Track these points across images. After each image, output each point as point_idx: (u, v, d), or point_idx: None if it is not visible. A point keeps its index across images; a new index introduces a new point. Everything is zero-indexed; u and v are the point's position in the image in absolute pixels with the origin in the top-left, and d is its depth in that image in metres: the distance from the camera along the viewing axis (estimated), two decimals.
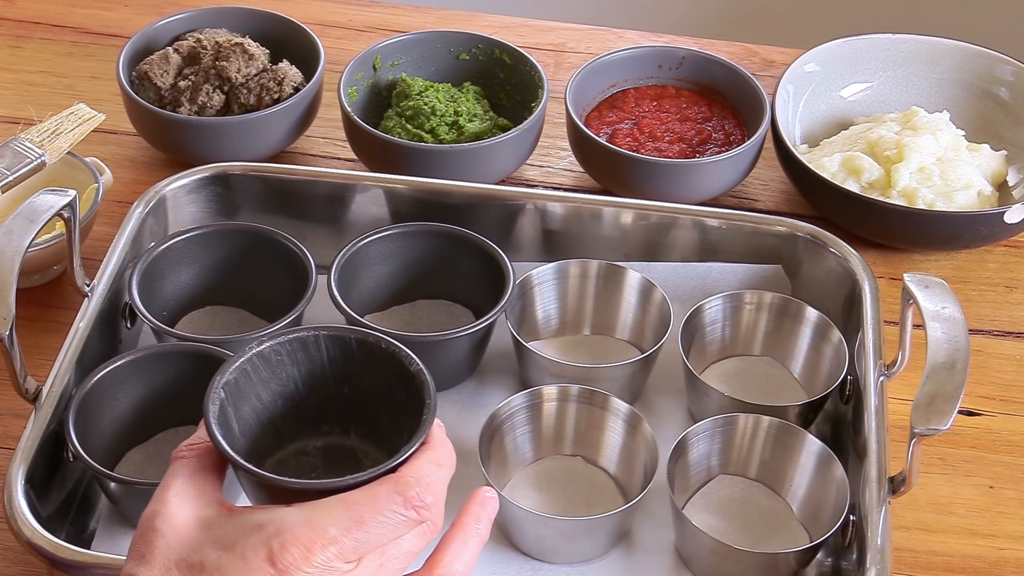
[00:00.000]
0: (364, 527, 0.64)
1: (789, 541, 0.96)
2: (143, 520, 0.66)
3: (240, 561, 0.62)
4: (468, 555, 0.69)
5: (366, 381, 0.73)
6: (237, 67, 1.24)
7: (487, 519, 0.71)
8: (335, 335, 0.72)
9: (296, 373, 0.73)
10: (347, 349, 0.73)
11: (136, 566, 0.64)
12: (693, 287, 1.11)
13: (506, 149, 1.21)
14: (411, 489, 0.65)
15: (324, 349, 0.73)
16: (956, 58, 1.33)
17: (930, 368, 0.90)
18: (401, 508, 0.65)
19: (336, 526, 0.64)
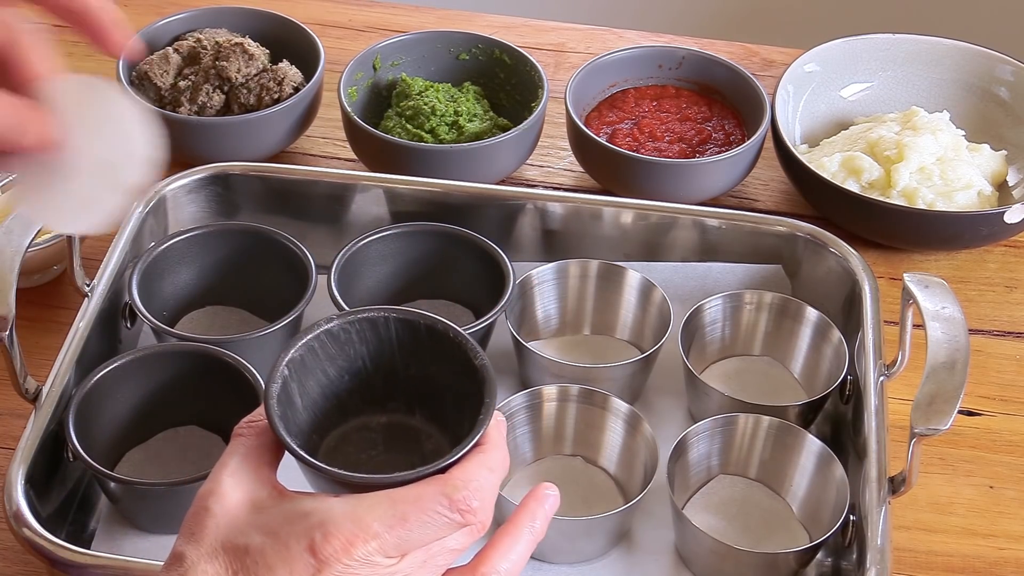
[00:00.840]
0: (407, 526, 0.64)
1: (789, 541, 0.96)
2: (198, 499, 0.66)
3: (282, 548, 0.63)
4: (517, 554, 0.69)
5: (432, 366, 0.73)
6: (237, 67, 1.24)
7: (544, 517, 0.71)
8: (405, 318, 0.72)
9: (364, 351, 0.73)
10: (416, 333, 0.72)
11: (186, 544, 0.65)
12: (693, 287, 1.11)
13: (506, 149, 1.21)
14: (458, 492, 0.65)
15: (393, 330, 0.72)
16: (956, 58, 1.33)
17: (930, 368, 0.90)
18: (447, 511, 0.65)
19: (380, 522, 0.64)
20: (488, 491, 0.67)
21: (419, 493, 0.65)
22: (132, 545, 0.95)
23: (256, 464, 0.67)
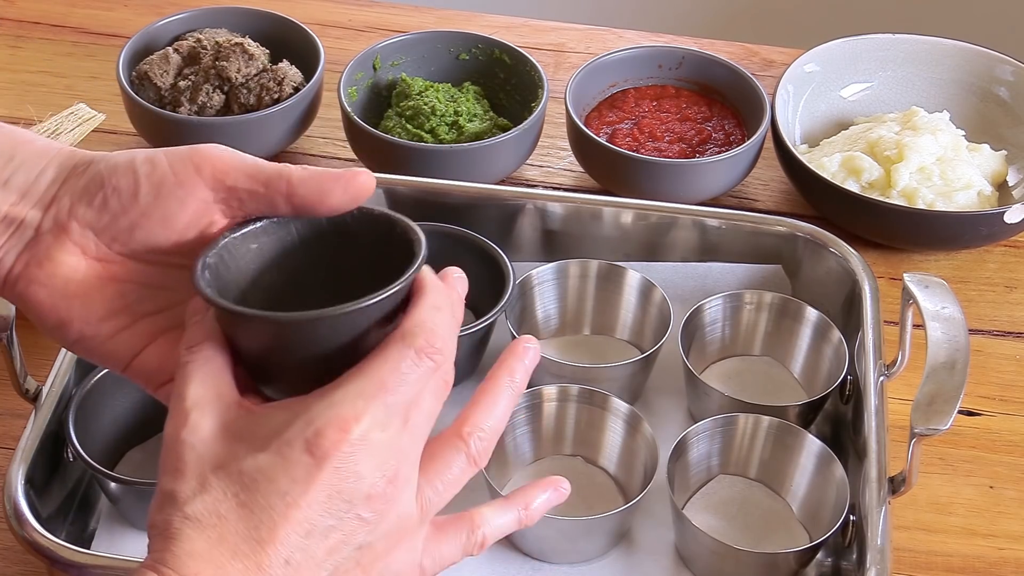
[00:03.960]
0: (387, 390, 0.64)
1: (789, 541, 0.96)
2: (167, 437, 0.65)
3: (280, 460, 0.62)
4: (500, 411, 0.69)
5: (353, 256, 0.72)
6: (237, 67, 1.24)
7: (524, 371, 0.70)
8: (309, 221, 0.71)
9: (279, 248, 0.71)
10: (320, 229, 0.71)
11: (172, 482, 0.63)
12: (693, 287, 1.11)
13: (506, 149, 1.21)
14: (417, 338, 0.65)
15: (297, 233, 0.71)
16: (956, 58, 1.33)
17: (930, 368, 0.90)
18: (415, 360, 0.64)
19: (362, 397, 0.63)
20: (443, 327, 0.66)
21: (383, 356, 0.64)
22: (132, 545, 0.95)
23: (215, 387, 0.65)
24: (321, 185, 0.70)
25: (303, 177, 0.69)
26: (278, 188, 0.69)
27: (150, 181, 0.68)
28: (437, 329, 0.66)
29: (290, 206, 0.70)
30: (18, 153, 0.70)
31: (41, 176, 0.70)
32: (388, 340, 0.65)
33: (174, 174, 0.69)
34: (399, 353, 0.65)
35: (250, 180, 0.69)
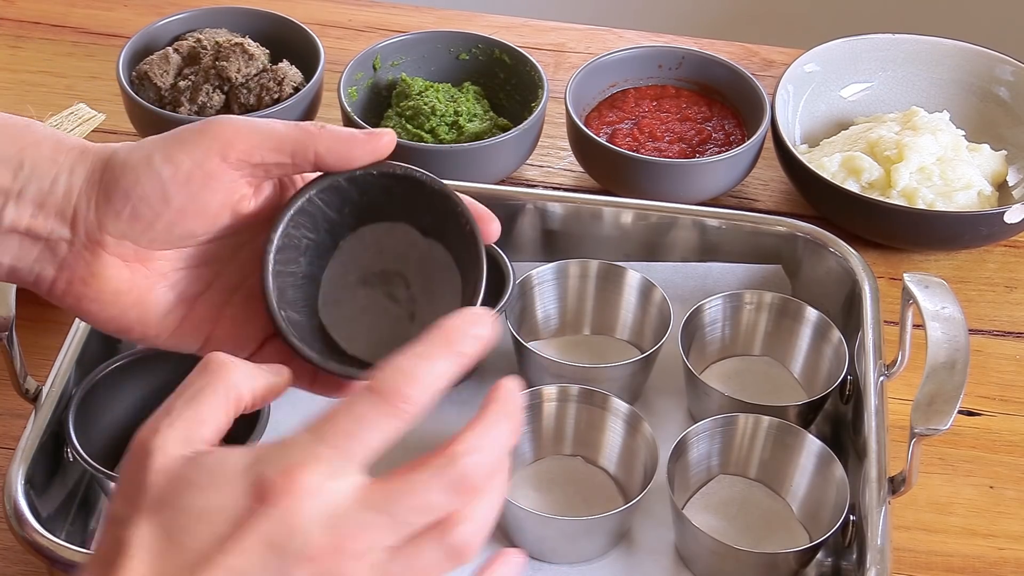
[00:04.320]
0: (353, 438, 0.56)
1: (789, 541, 0.96)
2: (135, 444, 0.60)
3: (222, 500, 0.56)
4: (491, 442, 0.61)
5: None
6: (237, 67, 1.24)
7: (516, 408, 0.63)
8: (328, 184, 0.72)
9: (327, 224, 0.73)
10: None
11: (121, 505, 0.58)
12: (693, 287, 1.11)
13: (506, 149, 1.21)
14: (386, 387, 0.57)
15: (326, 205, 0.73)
16: (956, 58, 1.33)
17: (930, 368, 0.90)
18: (382, 408, 0.57)
19: (322, 443, 0.56)
20: (415, 374, 0.58)
21: (348, 404, 0.57)
22: None
23: (199, 422, 0.60)
24: (350, 150, 0.69)
25: (329, 146, 0.69)
26: (304, 158, 0.69)
27: (176, 182, 0.68)
28: (408, 374, 0.58)
29: (314, 167, 0.70)
30: (27, 159, 0.69)
31: (55, 184, 0.69)
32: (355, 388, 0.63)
33: (200, 169, 0.68)
34: (366, 400, 0.57)
35: (276, 153, 0.68)
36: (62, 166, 0.69)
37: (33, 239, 0.70)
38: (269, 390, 0.63)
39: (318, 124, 0.70)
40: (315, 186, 0.71)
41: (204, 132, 0.69)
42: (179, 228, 0.69)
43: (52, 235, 0.69)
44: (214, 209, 0.69)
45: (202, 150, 0.68)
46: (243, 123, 0.69)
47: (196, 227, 0.69)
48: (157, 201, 0.68)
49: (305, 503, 0.55)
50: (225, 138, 0.68)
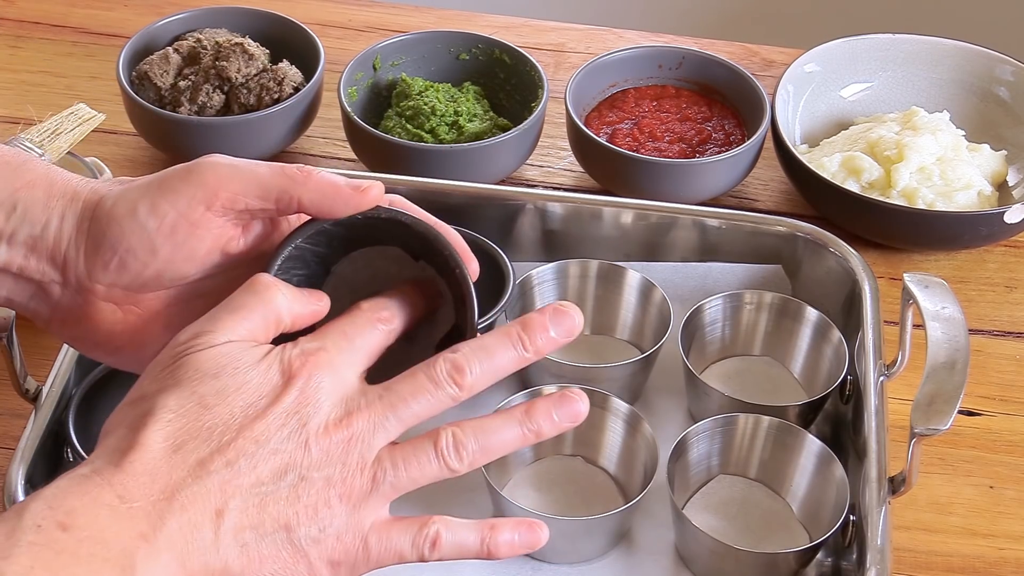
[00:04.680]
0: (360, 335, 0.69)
1: (789, 541, 0.96)
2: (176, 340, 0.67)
3: (253, 376, 0.65)
4: (494, 424, 0.69)
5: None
6: (237, 67, 1.24)
7: (538, 411, 0.70)
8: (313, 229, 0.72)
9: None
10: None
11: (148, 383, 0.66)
12: (693, 287, 1.11)
13: (506, 149, 1.21)
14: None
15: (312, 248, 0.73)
16: (956, 58, 1.33)
17: (930, 368, 0.90)
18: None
19: (344, 338, 0.68)
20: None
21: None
22: None
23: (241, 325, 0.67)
24: (333, 205, 0.70)
25: (312, 198, 0.69)
26: (288, 205, 0.70)
27: (162, 233, 0.68)
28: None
29: (297, 212, 0.71)
30: (19, 202, 0.69)
31: (46, 230, 0.70)
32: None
33: (186, 219, 0.68)
34: (352, 317, 0.69)
35: (260, 200, 0.69)
36: (53, 211, 0.70)
37: (27, 280, 0.71)
38: (308, 315, 0.70)
39: (304, 169, 0.70)
40: (301, 234, 0.71)
41: (188, 180, 0.69)
42: (169, 274, 0.70)
43: (44, 278, 0.70)
44: (202, 253, 0.70)
45: (186, 200, 0.68)
46: (227, 169, 0.69)
47: (186, 271, 0.70)
48: (144, 253, 0.69)
49: (322, 379, 0.64)
50: (209, 187, 0.69)
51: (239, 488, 0.62)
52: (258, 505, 0.62)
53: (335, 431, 0.64)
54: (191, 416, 0.62)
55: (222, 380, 0.63)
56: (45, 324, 0.72)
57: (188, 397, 0.63)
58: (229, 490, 0.61)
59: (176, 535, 0.60)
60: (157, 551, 0.59)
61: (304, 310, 0.69)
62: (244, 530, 0.62)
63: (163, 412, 0.62)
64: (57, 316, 0.71)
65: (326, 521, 0.63)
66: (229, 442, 0.62)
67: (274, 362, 0.65)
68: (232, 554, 0.61)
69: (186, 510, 0.60)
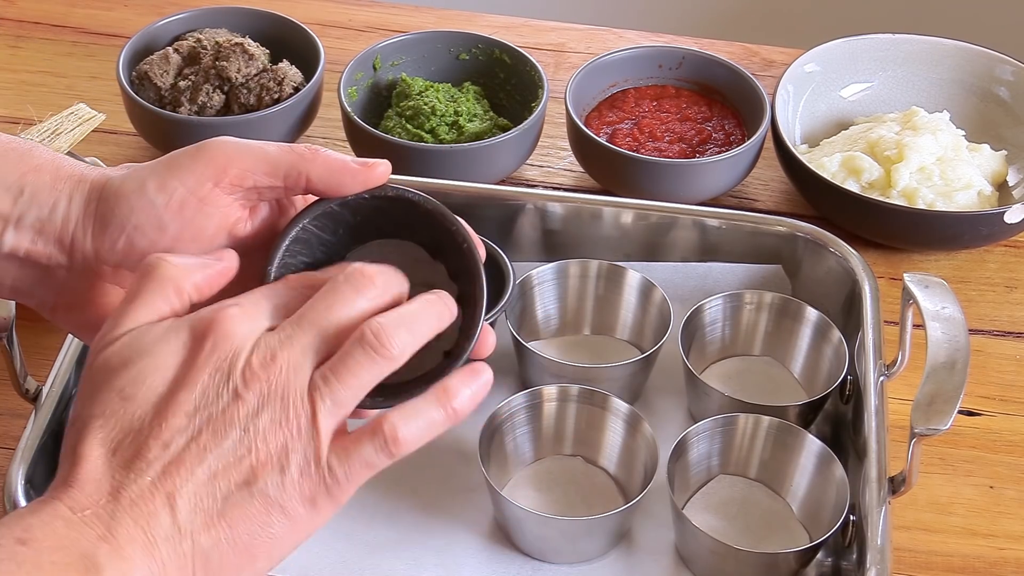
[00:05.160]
0: (269, 292, 0.66)
1: (789, 541, 0.96)
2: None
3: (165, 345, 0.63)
4: (412, 308, 0.66)
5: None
6: (237, 67, 1.24)
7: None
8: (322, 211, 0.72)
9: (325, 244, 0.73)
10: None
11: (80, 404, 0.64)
12: (693, 287, 1.11)
13: (506, 149, 1.21)
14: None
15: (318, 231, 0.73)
16: (956, 58, 1.33)
17: (930, 368, 0.90)
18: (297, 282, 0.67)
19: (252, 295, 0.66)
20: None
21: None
22: None
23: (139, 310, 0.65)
24: (341, 182, 0.69)
25: (320, 174, 0.69)
26: (296, 182, 0.69)
27: (170, 210, 0.68)
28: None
29: (305, 191, 0.70)
30: (27, 186, 0.69)
31: (54, 212, 0.69)
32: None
33: (194, 195, 0.68)
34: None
35: (269, 177, 0.69)
36: (61, 193, 0.69)
37: (33, 264, 0.70)
38: (215, 275, 0.67)
39: (312, 148, 0.70)
40: (308, 214, 0.71)
41: (197, 157, 0.69)
42: (176, 253, 0.69)
43: (51, 261, 0.70)
44: (210, 233, 0.69)
45: (195, 176, 0.68)
46: (235, 147, 0.69)
47: (192, 250, 0.69)
48: (152, 230, 0.68)
49: (237, 328, 0.62)
50: (218, 163, 0.68)
51: (183, 465, 0.60)
52: (209, 474, 0.61)
53: (263, 372, 0.62)
54: (118, 413, 0.61)
55: (133, 366, 0.62)
56: (50, 311, 0.72)
57: (108, 397, 0.62)
58: (174, 471, 0.60)
59: (134, 532, 0.59)
60: (119, 548, 0.59)
61: (205, 274, 0.67)
62: (202, 502, 0.60)
63: (92, 421, 0.61)
64: (62, 302, 0.71)
65: (283, 462, 0.61)
66: (160, 423, 0.61)
67: (181, 328, 0.63)
68: (198, 530, 0.60)
69: (136, 504, 0.60)
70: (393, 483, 0.98)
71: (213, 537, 0.61)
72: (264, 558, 0.62)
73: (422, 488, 0.98)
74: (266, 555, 0.62)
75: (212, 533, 0.61)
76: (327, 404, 0.62)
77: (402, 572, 0.93)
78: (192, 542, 0.60)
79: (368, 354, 0.63)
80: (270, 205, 0.72)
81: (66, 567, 0.58)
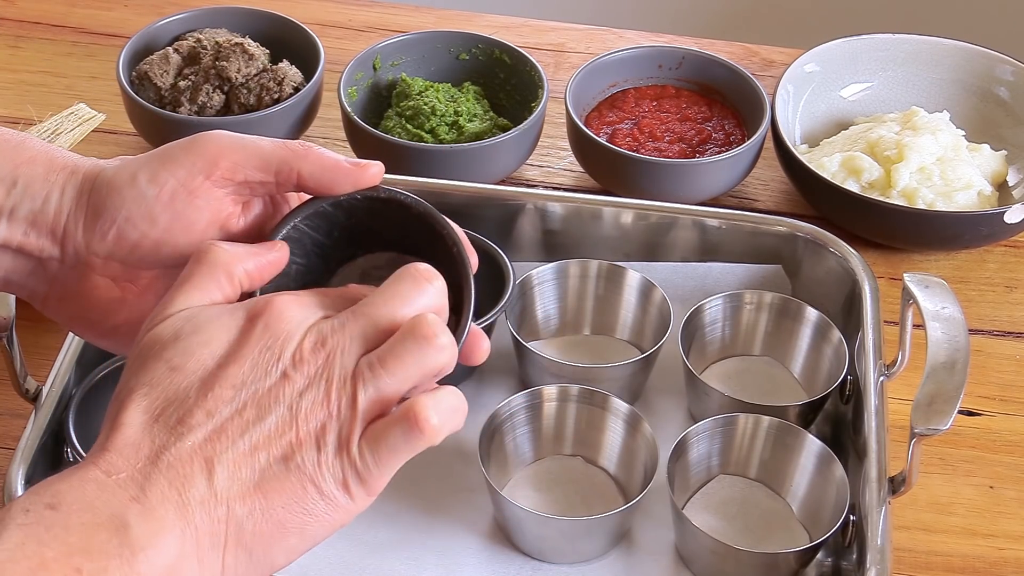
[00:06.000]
0: (323, 293, 0.66)
1: (789, 541, 0.96)
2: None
3: (219, 325, 0.64)
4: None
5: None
6: (237, 67, 1.24)
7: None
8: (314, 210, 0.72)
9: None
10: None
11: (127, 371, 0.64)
12: (693, 287, 1.11)
13: (506, 149, 1.21)
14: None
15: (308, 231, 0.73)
16: (956, 58, 1.33)
17: (930, 368, 0.90)
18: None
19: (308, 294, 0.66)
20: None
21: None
22: None
23: (192, 293, 0.65)
24: (333, 180, 0.70)
25: (311, 171, 0.69)
26: (288, 178, 0.69)
27: (160, 201, 0.68)
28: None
29: (297, 188, 0.70)
30: (20, 177, 0.69)
31: (47, 204, 0.69)
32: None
33: (184, 188, 0.68)
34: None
35: (260, 172, 0.69)
36: (54, 185, 0.70)
37: (26, 256, 0.70)
38: (266, 265, 0.68)
39: (305, 144, 0.70)
40: (299, 213, 0.71)
41: (189, 150, 0.69)
42: (166, 247, 0.69)
43: (43, 253, 0.70)
44: (201, 227, 0.69)
45: (186, 169, 0.68)
46: (228, 140, 0.69)
47: (184, 246, 0.69)
48: (142, 221, 0.69)
49: (291, 312, 0.63)
50: (209, 156, 0.68)
51: (225, 434, 0.61)
52: (250, 445, 0.61)
53: (312, 356, 0.62)
54: (164, 383, 0.62)
55: (185, 339, 0.63)
56: (42, 303, 0.72)
57: (156, 367, 0.62)
58: (215, 438, 0.61)
59: (168, 492, 0.59)
60: (150, 509, 0.59)
61: (256, 263, 0.67)
62: (240, 472, 0.61)
63: (138, 389, 0.62)
64: (55, 293, 0.71)
65: (320, 441, 0.62)
66: (206, 393, 0.61)
67: (236, 310, 0.64)
68: (233, 497, 0.61)
69: (173, 467, 0.60)
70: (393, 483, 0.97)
71: (248, 506, 0.61)
72: (296, 535, 0.62)
73: (422, 488, 0.98)
74: (298, 532, 0.62)
75: (248, 502, 0.61)
76: (368, 391, 0.63)
77: (402, 572, 0.93)
78: (227, 508, 0.61)
79: (419, 344, 0.63)
80: (263, 202, 0.72)
81: (95, 527, 0.58)
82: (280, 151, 0.69)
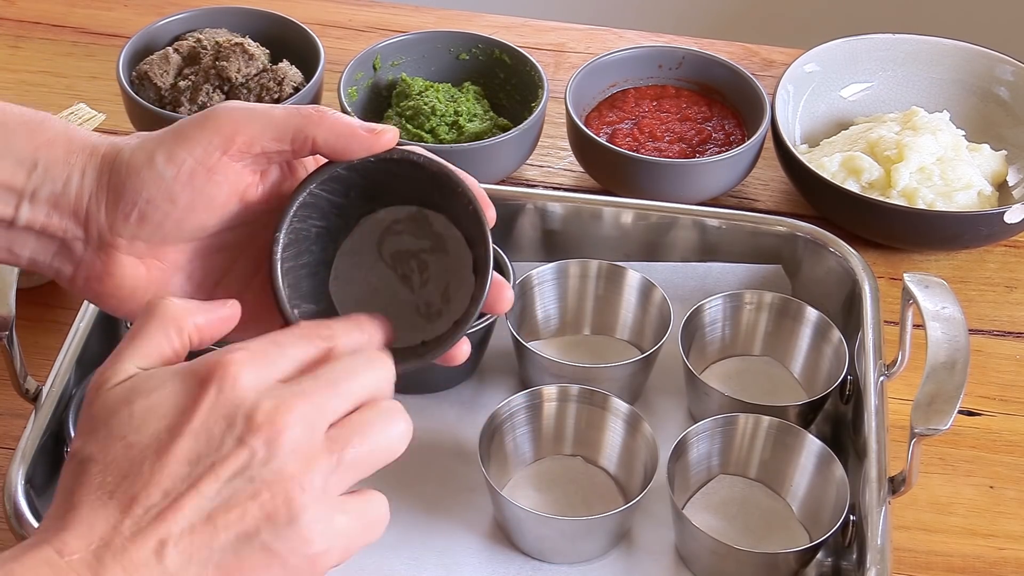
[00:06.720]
0: (280, 340, 0.64)
1: (789, 541, 0.96)
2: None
3: (169, 392, 0.62)
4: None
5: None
6: (237, 67, 1.24)
7: None
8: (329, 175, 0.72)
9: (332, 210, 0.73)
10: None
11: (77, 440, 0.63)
12: (693, 287, 1.11)
13: (506, 149, 1.21)
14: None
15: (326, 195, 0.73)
16: (956, 58, 1.33)
17: (930, 368, 0.90)
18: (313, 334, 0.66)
19: (262, 340, 0.64)
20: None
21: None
22: None
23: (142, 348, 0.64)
24: (348, 146, 0.70)
25: (326, 137, 0.69)
26: (303, 145, 0.69)
27: (180, 181, 0.68)
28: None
29: (312, 153, 0.70)
30: (40, 159, 0.70)
31: (67, 186, 0.70)
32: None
33: (203, 165, 0.68)
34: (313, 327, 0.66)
35: (276, 142, 0.69)
36: (74, 167, 0.70)
37: (49, 237, 0.71)
38: (216, 321, 0.67)
39: (319, 109, 0.70)
40: (315, 179, 0.71)
41: (204, 127, 0.69)
42: (188, 224, 0.70)
43: (67, 235, 0.70)
44: (221, 201, 0.69)
45: (203, 147, 0.68)
46: (242, 113, 0.69)
47: (206, 220, 0.70)
48: (163, 202, 0.69)
49: (244, 374, 0.60)
50: (225, 132, 0.68)
51: (179, 511, 0.58)
52: (206, 522, 0.59)
53: (269, 424, 0.60)
54: (116, 456, 0.60)
55: (135, 408, 0.60)
56: (69, 282, 0.72)
57: (108, 438, 0.60)
58: (169, 517, 0.58)
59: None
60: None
61: (207, 318, 0.66)
62: (197, 552, 0.59)
63: (90, 464, 0.60)
64: (81, 273, 0.71)
65: (290, 515, 0.60)
66: (159, 469, 0.59)
67: (187, 373, 0.61)
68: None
69: (126, 550, 0.58)
70: (393, 483, 0.97)
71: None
72: None
73: (422, 488, 0.98)
74: None
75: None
76: (334, 463, 0.61)
77: (402, 572, 0.93)
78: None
79: (382, 416, 0.63)
80: (280, 167, 0.72)
81: None
82: (294, 118, 0.69)
